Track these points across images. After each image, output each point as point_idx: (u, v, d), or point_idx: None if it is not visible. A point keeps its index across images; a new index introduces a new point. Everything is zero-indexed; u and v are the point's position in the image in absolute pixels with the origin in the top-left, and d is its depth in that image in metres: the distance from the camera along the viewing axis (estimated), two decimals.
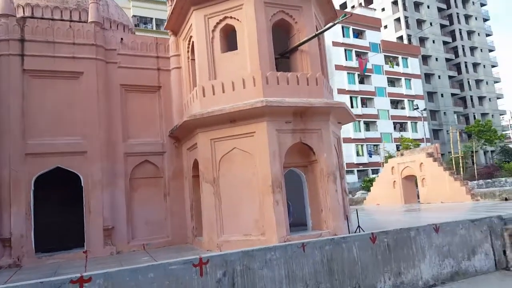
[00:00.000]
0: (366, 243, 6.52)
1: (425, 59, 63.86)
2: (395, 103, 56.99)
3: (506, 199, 20.26)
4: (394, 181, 26.20)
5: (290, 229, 10.60)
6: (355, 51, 55.20)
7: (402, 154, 27.30)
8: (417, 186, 25.51)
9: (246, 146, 9.86)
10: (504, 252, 7.71)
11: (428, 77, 63.61)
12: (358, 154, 52.83)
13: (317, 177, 10.28)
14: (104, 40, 11.48)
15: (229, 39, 10.79)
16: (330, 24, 10.71)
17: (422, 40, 64.31)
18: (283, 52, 11.37)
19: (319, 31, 10.29)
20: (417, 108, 36.00)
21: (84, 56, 10.99)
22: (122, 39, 11.78)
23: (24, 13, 11.36)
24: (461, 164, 34.55)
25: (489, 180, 31.59)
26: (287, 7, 10.70)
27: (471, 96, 65.22)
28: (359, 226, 11.09)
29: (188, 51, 11.72)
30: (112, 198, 10.92)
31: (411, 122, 55.60)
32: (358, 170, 50.59)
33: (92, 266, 8.99)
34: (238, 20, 10.38)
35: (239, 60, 10.28)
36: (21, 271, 9.12)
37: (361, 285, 6.31)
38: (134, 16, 40.49)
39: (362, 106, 54.89)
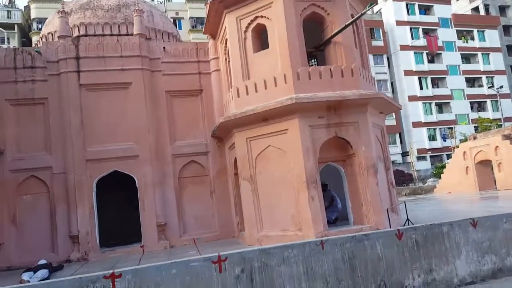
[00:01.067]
0: (391, 240, 6.33)
1: (507, 29, 57.36)
2: (471, 81, 52.24)
3: None
4: (467, 167, 24.33)
5: (336, 224, 10.67)
6: (422, 29, 51.62)
7: (475, 138, 25.14)
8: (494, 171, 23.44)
9: (280, 144, 10.02)
10: None
11: (511, 49, 57.12)
12: (431, 139, 49.64)
13: (356, 171, 10.08)
14: (149, 50, 12.34)
15: (261, 39, 10.96)
16: (358, 15, 10.31)
17: (503, 8, 57.79)
18: (317, 45, 11.25)
19: (347, 23, 9.98)
20: (492, 86, 32.69)
21: (132, 67, 11.93)
22: (164, 48, 12.56)
23: (79, 31, 12.63)
24: None
25: None
26: (318, 0, 10.54)
27: None
28: (408, 220, 10.68)
29: (225, 53, 12.11)
30: (163, 196, 11.81)
31: (491, 100, 50.56)
32: (431, 156, 47.57)
33: (145, 260, 9.90)
34: (268, 18, 10.48)
35: (270, 58, 10.41)
36: (87, 264, 10.35)
37: (386, 282, 6.17)
38: (191, 17, 42.27)
39: (433, 87, 51.29)
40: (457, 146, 26.43)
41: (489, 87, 35.24)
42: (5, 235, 10.70)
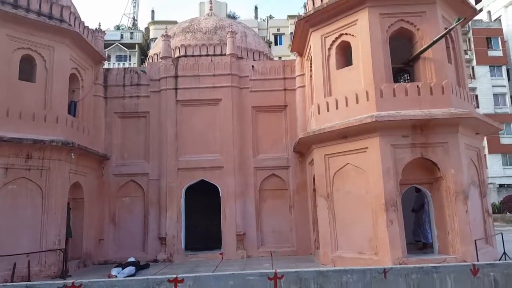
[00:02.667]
0: (465, 275, 5.73)
1: None
2: None
3: None
4: None
5: (423, 251, 10.05)
6: None
7: None
8: None
9: (358, 162, 9.74)
10: None
11: None
12: None
13: (444, 196, 9.28)
14: (239, 68, 13.13)
15: (345, 56, 10.86)
16: (446, 31, 9.50)
17: None
18: (405, 61, 10.71)
19: (435, 38, 9.31)
20: None
21: (222, 84, 12.84)
22: (253, 66, 13.23)
23: (180, 52, 14.04)
24: None
25: None
26: (407, 15, 10.08)
27: None
28: (505, 253, 9.43)
29: (310, 70, 12.26)
30: (244, 207, 12.34)
31: None
32: None
33: (222, 267, 10.46)
34: (353, 35, 10.36)
35: (353, 75, 10.24)
36: (171, 266, 11.30)
37: None
38: (291, 33, 43.35)
39: None
40: None
41: None
42: (105, 232, 12.23)
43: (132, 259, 10.98)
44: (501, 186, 41.93)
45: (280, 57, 34.55)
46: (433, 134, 9.34)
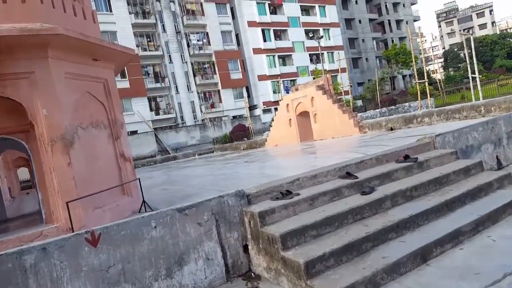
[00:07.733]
0: None
1: None
2: (310, 33, 54.14)
3: (391, 129, 18.46)
4: (290, 119, 24.01)
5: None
6: None
7: (297, 89, 24.71)
8: None
9: None
10: (246, 248, 4.74)
11: (345, 2, 60.66)
12: (276, 92, 50.35)
13: (39, 146, 6.75)
14: None
15: None
16: None
17: None
18: None
19: None
20: (313, 36, 33.13)
21: None
22: None
23: None
24: (377, 92, 33.12)
25: (392, 107, 30.50)
26: None
27: (388, 20, 63.75)
28: (144, 203, 7.97)
29: None
30: None
31: (328, 52, 53.31)
32: (275, 109, 48.55)
33: None
34: None
35: None
36: None
37: None
38: None
39: (275, 39, 51.39)
40: (282, 99, 25.97)
41: (309, 38, 35.77)
42: None
43: None
44: (234, 117, 46.66)
45: None
46: (10, 61, 6.41)
